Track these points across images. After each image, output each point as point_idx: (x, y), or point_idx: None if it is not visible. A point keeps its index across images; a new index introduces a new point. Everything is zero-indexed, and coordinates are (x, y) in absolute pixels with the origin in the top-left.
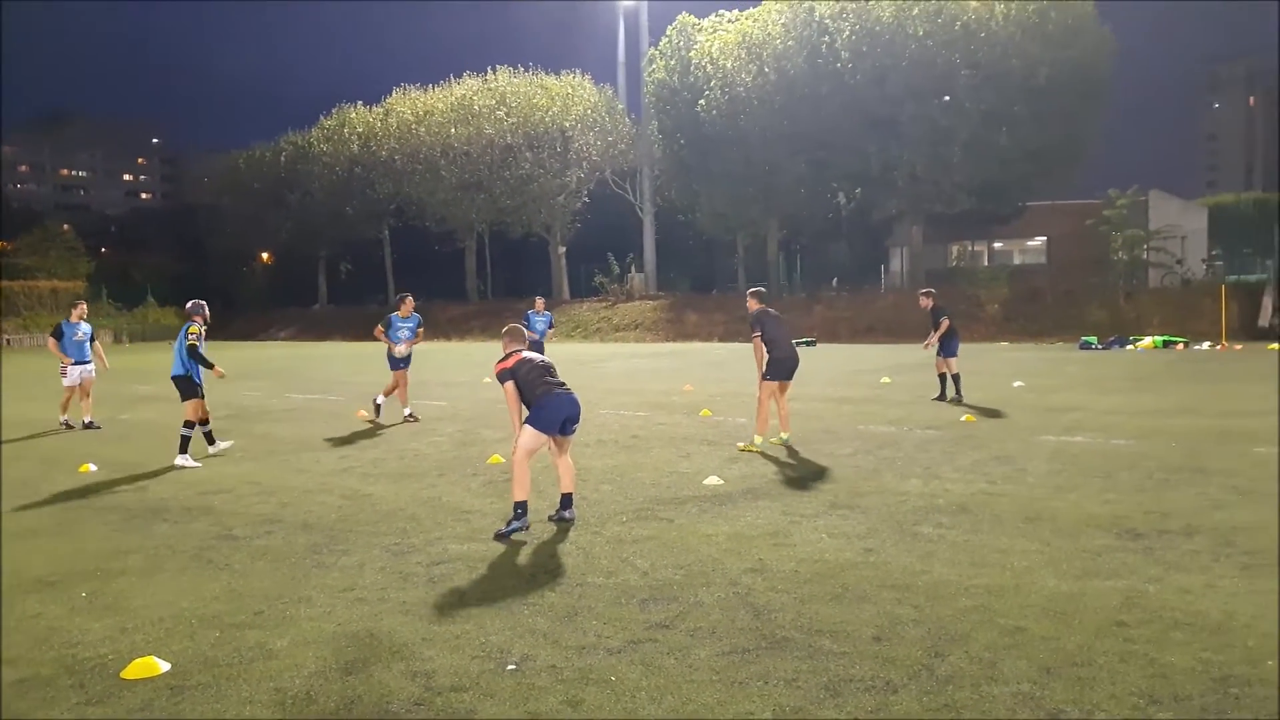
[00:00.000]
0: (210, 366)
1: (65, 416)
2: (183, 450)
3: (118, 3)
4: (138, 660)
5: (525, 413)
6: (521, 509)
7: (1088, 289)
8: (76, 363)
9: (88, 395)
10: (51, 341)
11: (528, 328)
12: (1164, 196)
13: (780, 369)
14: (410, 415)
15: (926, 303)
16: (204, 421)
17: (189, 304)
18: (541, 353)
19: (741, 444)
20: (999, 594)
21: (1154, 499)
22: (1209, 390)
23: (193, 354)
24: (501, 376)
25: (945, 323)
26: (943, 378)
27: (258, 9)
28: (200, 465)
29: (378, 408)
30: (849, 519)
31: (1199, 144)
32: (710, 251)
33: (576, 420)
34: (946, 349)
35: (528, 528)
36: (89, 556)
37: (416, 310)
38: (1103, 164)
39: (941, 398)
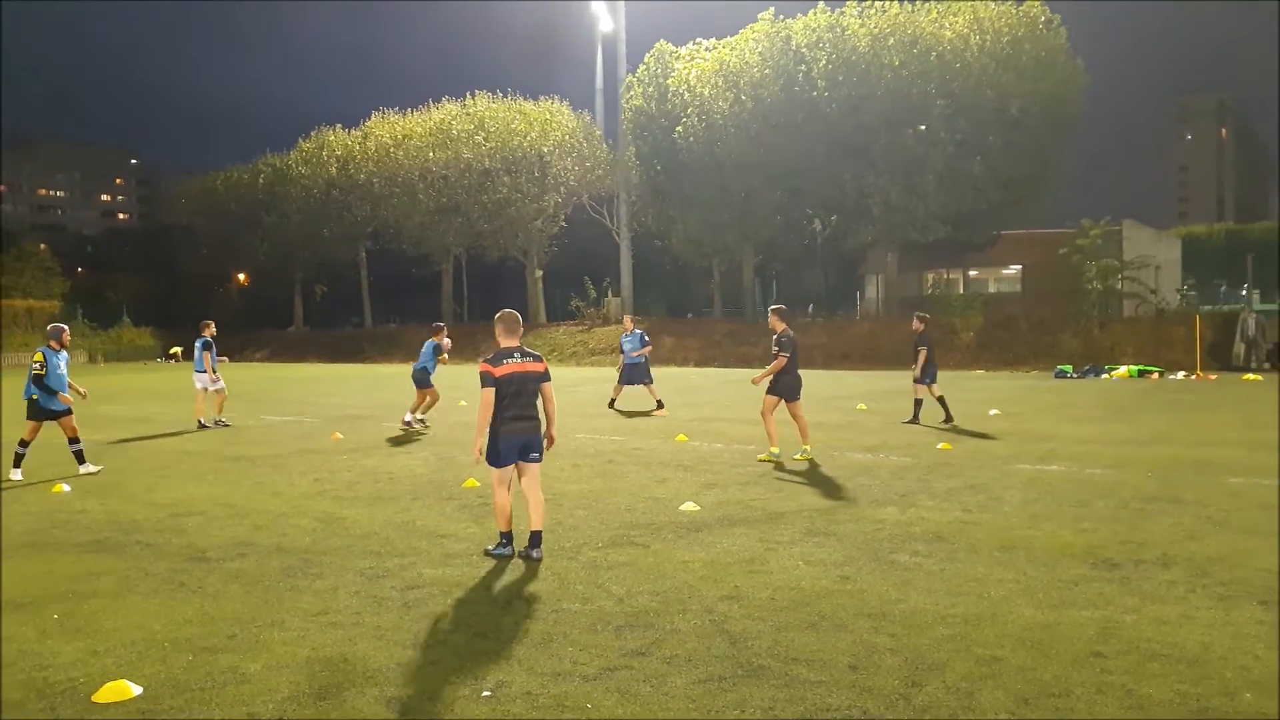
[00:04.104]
0: (53, 393)
1: None
2: (15, 464)
3: (98, 24)
4: (109, 684)
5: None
6: (505, 538)
7: (1062, 318)
8: None
9: None
10: None
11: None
12: (1137, 226)
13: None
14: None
15: (918, 326)
16: (73, 440)
17: (50, 327)
18: (647, 375)
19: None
20: (975, 623)
21: (1129, 529)
22: (1183, 420)
23: (36, 383)
24: (484, 380)
25: (923, 353)
26: (918, 403)
27: (238, 33)
28: (22, 478)
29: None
30: (825, 546)
31: (1171, 175)
32: (686, 277)
33: (536, 449)
34: (925, 375)
35: (513, 554)
36: (60, 578)
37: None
38: (1077, 193)
39: (914, 421)
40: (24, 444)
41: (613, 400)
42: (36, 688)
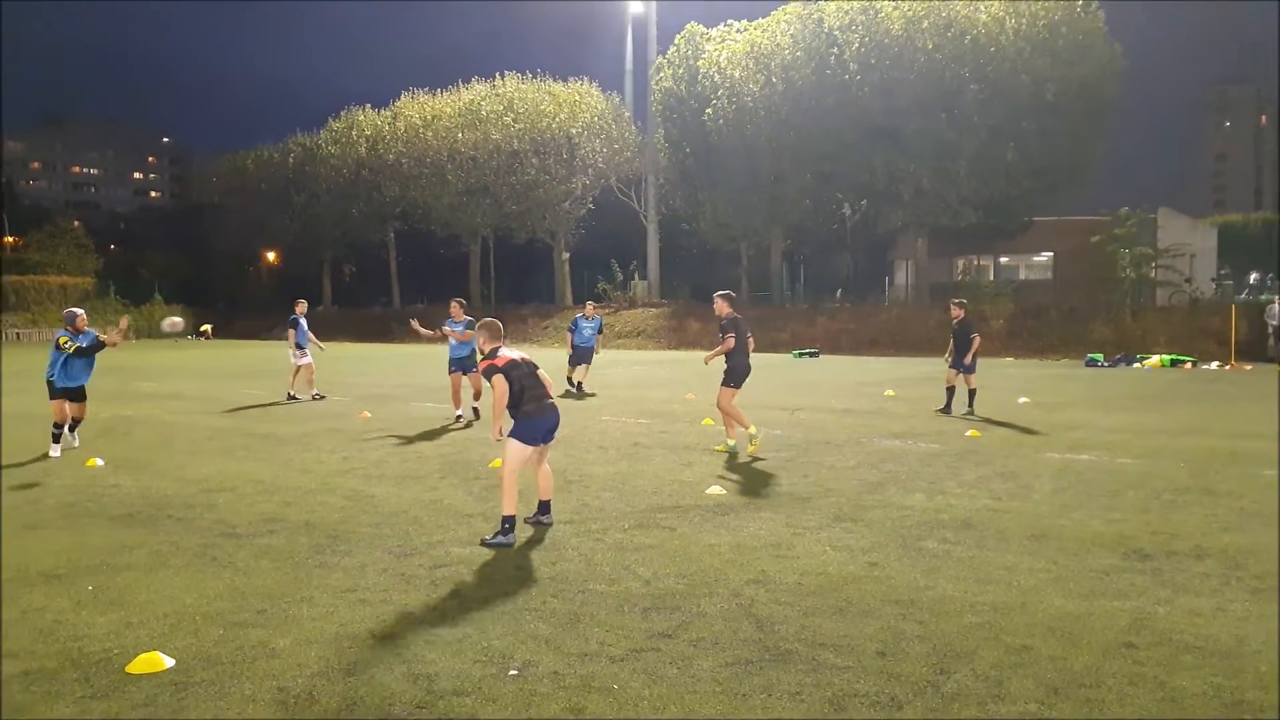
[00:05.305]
0: (89, 349)
1: None
2: (55, 441)
3: (129, 4)
4: (142, 655)
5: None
6: (509, 524)
7: (1094, 306)
8: None
9: None
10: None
11: (574, 331)
12: (1172, 214)
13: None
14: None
15: (958, 313)
16: (66, 422)
17: (64, 312)
18: (590, 358)
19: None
20: (1005, 612)
21: (1161, 519)
22: (1216, 410)
23: (79, 354)
24: (489, 372)
25: (977, 340)
26: (950, 390)
27: (269, 11)
28: (60, 456)
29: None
30: (852, 532)
31: (1207, 163)
32: (713, 260)
33: (555, 429)
34: (965, 364)
35: (514, 544)
36: (94, 551)
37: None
38: (1111, 180)
39: (946, 411)
40: (58, 426)
41: (574, 379)
42: (71, 658)
